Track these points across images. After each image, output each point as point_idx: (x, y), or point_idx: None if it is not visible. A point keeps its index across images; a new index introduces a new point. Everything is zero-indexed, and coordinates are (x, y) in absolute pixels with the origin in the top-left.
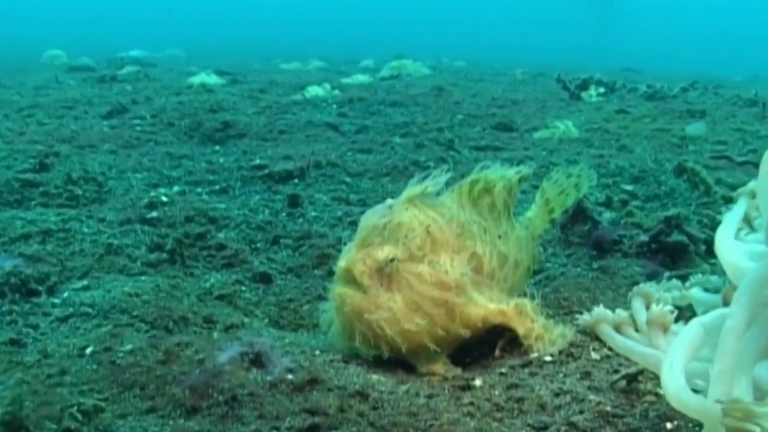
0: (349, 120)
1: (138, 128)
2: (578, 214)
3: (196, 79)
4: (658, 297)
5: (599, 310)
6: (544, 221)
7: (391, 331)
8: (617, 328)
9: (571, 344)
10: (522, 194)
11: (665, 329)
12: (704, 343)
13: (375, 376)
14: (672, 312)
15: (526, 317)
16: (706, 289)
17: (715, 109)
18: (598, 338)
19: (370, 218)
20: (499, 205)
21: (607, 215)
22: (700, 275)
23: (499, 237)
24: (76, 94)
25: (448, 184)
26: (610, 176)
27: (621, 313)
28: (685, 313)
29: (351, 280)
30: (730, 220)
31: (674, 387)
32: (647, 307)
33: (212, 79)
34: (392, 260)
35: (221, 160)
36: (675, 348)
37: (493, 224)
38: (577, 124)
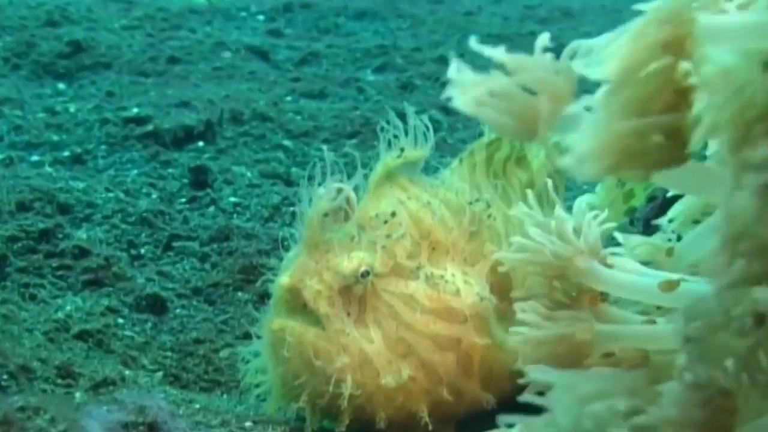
0: (287, 42)
1: None
2: (672, 201)
3: None
4: None
5: None
6: (618, 212)
7: (361, 388)
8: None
9: None
10: None
11: None
12: None
13: None
14: None
15: None
16: None
17: None
18: None
19: (321, 202)
20: (539, 184)
21: None
22: None
23: None
24: None
25: (454, 151)
26: None
27: None
28: None
29: (298, 306)
30: None
31: None
32: None
33: None
34: (366, 274)
35: (71, 107)
36: None
37: None
38: None
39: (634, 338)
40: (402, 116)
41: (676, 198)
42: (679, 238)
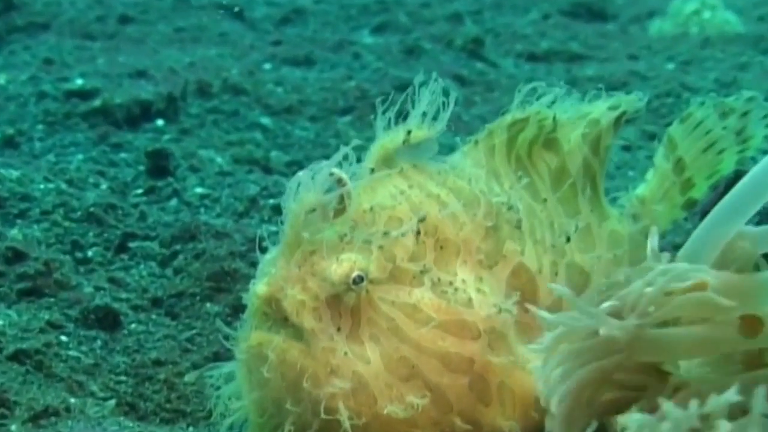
0: None
1: None
2: None
3: None
4: None
5: None
6: (674, 205)
7: (355, 418)
8: None
9: None
10: (624, 151)
11: None
12: None
13: None
14: None
15: None
16: None
17: None
18: None
19: (308, 195)
20: (573, 171)
21: None
22: None
23: (576, 231)
24: None
25: (470, 130)
26: None
27: None
28: None
29: (279, 319)
30: None
31: None
32: None
33: None
34: (359, 280)
35: (1, 78)
36: None
37: (561, 210)
38: (738, 5)
39: None
40: (406, 88)
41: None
42: None
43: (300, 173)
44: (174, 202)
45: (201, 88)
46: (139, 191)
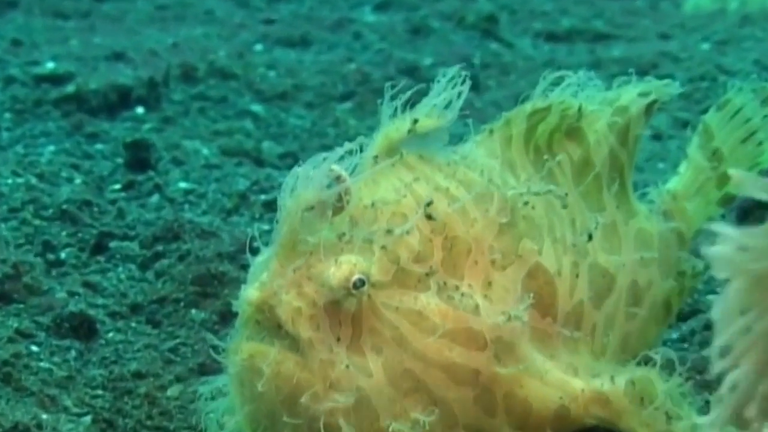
0: None
1: None
2: None
3: None
4: None
5: None
6: (709, 201)
7: None
8: None
9: None
10: (654, 140)
11: None
12: None
13: None
14: None
15: (657, 411)
16: None
17: None
18: None
19: (306, 192)
20: (598, 163)
21: None
22: None
23: (600, 228)
24: None
25: (484, 117)
26: None
27: None
28: None
29: (273, 328)
30: None
31: None
32: None
33: None
34: (360, 285)
35: None
36: None
37: (584, 206)
38: None
39: None
40: (412, 71)
41: None
42: None
43: (298, 168)
44: (155, 198)
45: (185, 72)
46: (117, 186)
